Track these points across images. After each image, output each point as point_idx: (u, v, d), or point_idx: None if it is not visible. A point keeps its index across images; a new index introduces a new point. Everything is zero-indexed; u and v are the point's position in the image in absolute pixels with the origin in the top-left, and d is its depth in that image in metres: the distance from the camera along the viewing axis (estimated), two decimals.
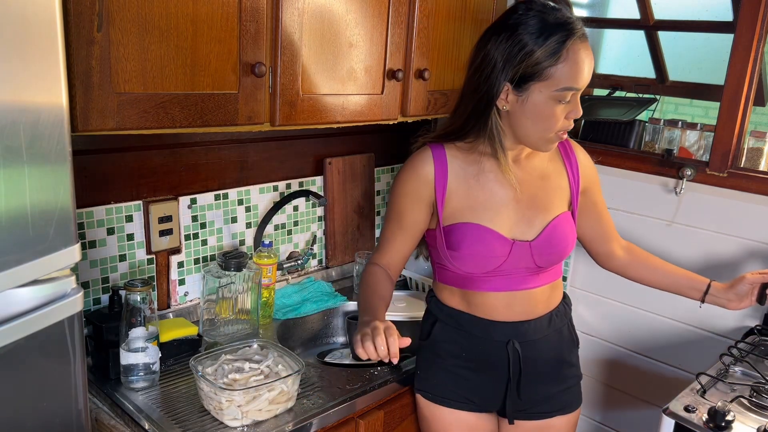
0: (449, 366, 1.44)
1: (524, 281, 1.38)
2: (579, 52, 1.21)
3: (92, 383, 1.42)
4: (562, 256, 1.40)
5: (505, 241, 1.34)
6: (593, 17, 2.48)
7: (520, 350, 1.38)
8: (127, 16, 1.14)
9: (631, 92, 2.30)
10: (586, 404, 2.27)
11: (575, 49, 1.21)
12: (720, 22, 2.01)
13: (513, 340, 1.38)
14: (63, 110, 0.90)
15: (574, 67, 1.21)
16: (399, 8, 1.63)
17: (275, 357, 1.40)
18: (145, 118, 1.21)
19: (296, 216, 2.02)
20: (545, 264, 1.38)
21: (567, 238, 1.39)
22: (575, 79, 1.22)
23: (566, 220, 1.40)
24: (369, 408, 1.49)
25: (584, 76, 1.23)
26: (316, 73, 1.49)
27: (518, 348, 1.38)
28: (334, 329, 1.94)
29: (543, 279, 1.41)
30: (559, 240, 1.37)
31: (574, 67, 1.21)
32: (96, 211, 1.54)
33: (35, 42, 0.85)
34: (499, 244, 1.33)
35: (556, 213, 1.38)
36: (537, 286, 1.40)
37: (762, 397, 1.42)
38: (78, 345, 0.98)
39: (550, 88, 1.22)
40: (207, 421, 1.30)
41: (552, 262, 1.39)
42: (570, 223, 1.41)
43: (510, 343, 1.38)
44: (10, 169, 0.84)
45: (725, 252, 1.87)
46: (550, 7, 1.23)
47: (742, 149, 1.85)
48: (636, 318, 2.09)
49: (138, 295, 1.36)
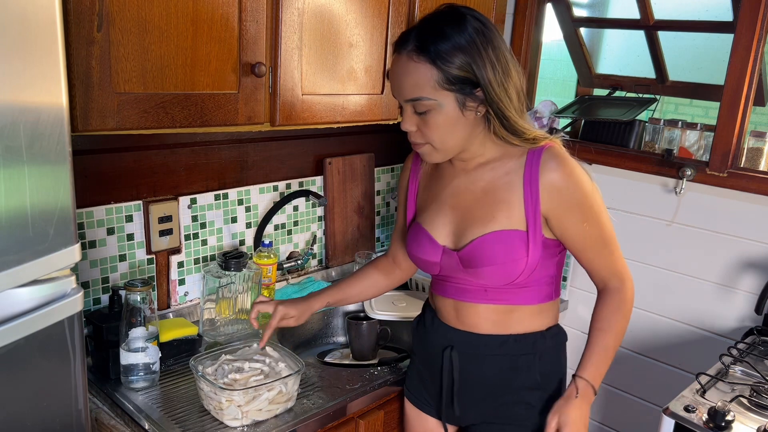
0: (417, 364, 1.46)
1: (467, 293, 1.30)
2: (392, 66, 1.21)
3: (92, 383, 1.42)
4: (494, 277, 1.24)
5: (436, 246, 1.30)
6: (593, 17, 2.48)
7: (458, 360, 1.32)
8: (127, 16, 1.14)
9: (631, 92, 2.30)
10: None
11: (394, 57, 1.21)
12: (720, 22, 2.01)
13: (452, 347, 1.32)
14: (63, 110, 0.90)
15: (392, 80, 1.22)
16: (399, 8, 1.63)
17: (275, 357, 1.40)
18: (145, 118, 1.21)
19: (296, 216, 2.02)
20: (478, 279, 1.27)
21: (495, 257, 1.23)
22: (393, 89, 1.23)
23: (500, 239, 1.23)
24: (369, 408, 1.49)
25: (397, 88, 1.20)
26: (316, 73, 1.49)
27: (454, 357, 1.32)
28: (334, 329, 1.94)
29: (491, 297, 1.28)
30: (485, 258, 1.23)
31: (392, 80, 1.22)
32: (96, 211, 1.54)
33: (35, 42, 0.85)
34: (431, 248, 1.30)
35: (491, 228, 1.24)
36: (482, 302, 1.29)
37: (762, 397, 1.42)
38: (78, 345, 0.98)
39: None
40: (207, 421, 1.30)
41: (484, 279, 1.26)
42: (508, 244, 1.23)
43: (448, 349, 1.32)
44: (10, 169, 0.84)
45: (725, 252, 1.87)
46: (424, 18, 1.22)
47: (742, 149, 1.85)
48: (636, 318, 2.09)
49: (138, 295, 1.36)
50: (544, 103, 2.27)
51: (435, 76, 1.14)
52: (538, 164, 1.22)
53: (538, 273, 1.26)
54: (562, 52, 2.46)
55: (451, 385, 1.34)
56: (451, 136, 1.20)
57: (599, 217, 1.25)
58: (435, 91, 1.15)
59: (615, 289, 1.29)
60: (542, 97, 2.36)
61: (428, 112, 1.17)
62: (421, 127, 1.20)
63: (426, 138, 1.20)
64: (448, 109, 1.17)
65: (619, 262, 1.30)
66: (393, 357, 1.61)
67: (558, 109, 2.28)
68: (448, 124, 1.18)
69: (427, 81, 1.15)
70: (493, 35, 1.17)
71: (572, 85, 2.57)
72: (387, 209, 2.30)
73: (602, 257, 1.28)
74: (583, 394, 1.27)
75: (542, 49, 2.34)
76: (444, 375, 1.34)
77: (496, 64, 1.15)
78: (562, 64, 2.63)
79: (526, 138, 1.22)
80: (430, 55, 1.14)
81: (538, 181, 1.21)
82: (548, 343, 1.33)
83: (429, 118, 1.18)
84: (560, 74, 2.81)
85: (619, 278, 1.30)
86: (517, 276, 1.24)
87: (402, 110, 1.22)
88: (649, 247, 2.04)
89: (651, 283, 2.04)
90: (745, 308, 1.85)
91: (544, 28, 2.31)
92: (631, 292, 1.31)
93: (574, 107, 2.32)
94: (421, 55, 1.14)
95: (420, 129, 1.20)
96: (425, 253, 1.31)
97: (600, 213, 1.25)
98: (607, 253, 1.28)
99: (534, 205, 1.22)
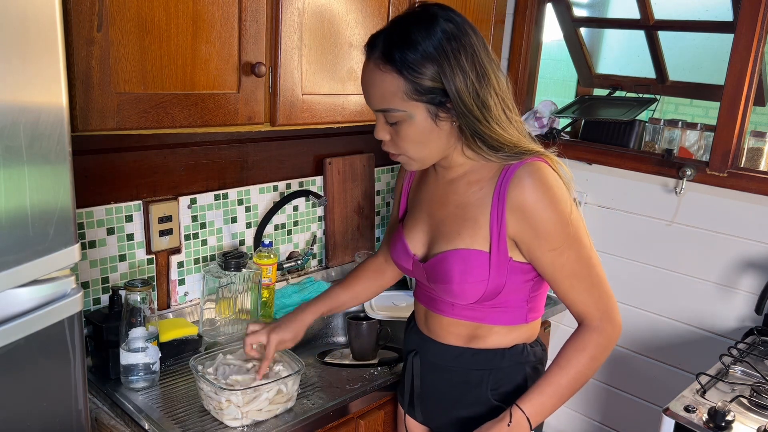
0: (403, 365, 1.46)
1: (436, 304, 1.25)
2: (362, 72, 1.13)
3: (92, 383, 1.42)
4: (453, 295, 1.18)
5: (408, 254, 1.26)
6: (593, 17, 2.48)
7: (419, 367, 1.30)
8: (127, 16, 1.14)
9: (631, 92, 2.30)
10: (587, 404, 2.28)
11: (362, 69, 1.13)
12: (720, 22, 2.01)
13: (416, 352, 1.31)
14: (63, 110, 0.90)
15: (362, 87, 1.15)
16: (399, 8, 1.63)
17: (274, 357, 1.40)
18: (145, 118, 1.21)
19: (296, 216, 2.02)
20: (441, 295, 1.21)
21: (451, 276, 1.15)
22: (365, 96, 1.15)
23: (460, 258, 1.15)
24: (369, 408, 1.49)
25: (366, 96, 1.13)
26: (316, 73, 1.49)
27: (416, 363, 1.30)
28: (334, 329, 1.94)
29: (458, 313, 1.22)
30: (442, 275, 1.17)
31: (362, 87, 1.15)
32: (96, 211, 1.54)
33: (35, 42, 0.85)
34: (404, 255, 1.27)
35: (455, 246, 1.16)
36: (449, 315, 1.23)
37: (762, 397, 1.42)
38: (78, 345, 0.98)
39: None
40: (207, 421, 1.30)
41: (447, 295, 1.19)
42: (465, 264, 1.15)
43: (412, 353, 1.32)
44: (10, 169, 0.84)
45: (725, 252, 1.87)
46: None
47: (742, 149, 1.86)
48: (636, 318, 2.09)
49: (138, 295, 1.36)
50: (544, 103, 2.27)
51: (403, 87, 1.06)
52: (506, 183, 1.11)
53: (507, 296, 1.18)
54: (562, 52, 2.46)
55: (411, 390, 1.34)
56: (424, 147, 1.12)
57: (576, 246, 1.11)
58: (404, 102, 1.07)
59: (590, 328, 1.15)
60: (542, 97, 2.36)
61: (399, 123, 1.10)
62: (393, 136, 1.13)
63: (399, 149, 1.14)
64: (419, 119, 1.08)
65: (602, 301, 1.14)
66: (393, 357, 1.61)
67: (558, 109, 2.28)
68: (420, 135, 1.10)
69: (395, 92, 1.07)
70: (467, 38, 1.07)
71: (572, 85, 2.57)
72: (387, 209, 2.30)
73: (577, 292, 1.13)
74: (516, 425, 1.15)
75: (542, 49, 2.34)
76: (406, 379, 1.34)
77: (469, 73, 1.05)
78: (562, 64, 2.63)
79: (507, 153, 1.12)
80: (397, 65, 1.05)
81: (505, 203, 1.11)
82: (506, 361, 1.23)
83: (400, 129, 1.10)
84: (560, 74, 2.81)
85: (599, 318, 1.14)
86: (477, 299, 1.17)
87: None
88: (649, 247, 2.04)
89: (651, 283, 2.04)
90: (745, 308, 1.85)
91: (544, 28, 2.31)
92: (611, 337, 1.15)
93: (574, 107, 2.32)
94: (388, 64, 1.06)
95: (393, 139, 1.13)
96: (400, 258, 1.29)
97: (577, 242, 1.11)
98: (584, 287, 1.13)
99: (499, 226, 1.12)
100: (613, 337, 1.16)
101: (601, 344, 1.15)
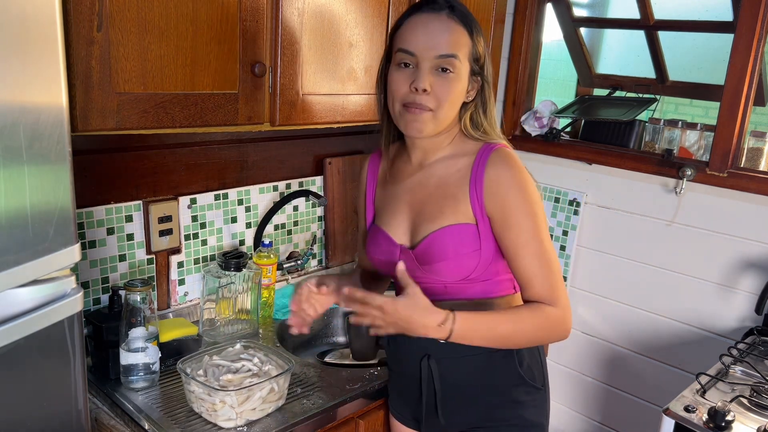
0: (392, 377, 1.44)
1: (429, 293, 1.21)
2: (420, 18, 1.19)
3: (92, 383, 1.42)
4: (448, 272, 1.23)
5: (394, 245, 1.28)
6: (593, 17, 2.48)
7: (438, 368, 1.29)
8: (127, 16, 1.14)
9: (631, 92, 2.30)
10: (587, 404, 2.28)
11: (417, 16, 1.19)
12: (720, 22, 2.01)
13: (429, 355, 1.29)
14: (63, 110, 0.90)
15: (409, 31, 1.19)
16: (399, 8, 1.63)
17: (261, 356, 1.40)
18: (145, 118, 1.21)
19: (296, 216, 2.02)
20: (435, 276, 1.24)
21: (446, 252, 1.21)
22: (407, 41, 1.18)
23: (451, 233, 1.21)
24: (369, 408, 1.49)
25: (416, 39, 1.17)
26: (316, 73, 1.49)
27: (433, 366, 1.28)
28: (334, 329, 1.94)
29: (452, 292, 1.26)
30: (438, 253, 1.22)
31: (409, 31, 1.19)
32: (96, 211, 1.54)
33: (35, 42, 0.85)
34: (389, 247, 1.29)
35: (442, 224, 1.22)
36: (444, 298, 1.25)
37: (762, 397, 1.42)
38: (78, 345, 0.98)
39: (393, 53, 1.21)
40: (200, 424, 1.29)
41: (440, 275, 1.23)
42: (456, 238, 1.21)
43: (425, 359, 1.29)
44: (10, 169, 0.84)
45: (725, 252, 1.87)
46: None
47: (742, 149, 1.85)
48: (636, 318, 2.09)
49: (138, 295, 1.36)
50: (544, 103, 2.27)
51: (468, 45, 1.19)
52: (485, 162, 1.21)
53: (493, 267, 1.24)
54: (562, 52, 2.46)
55: (433, 395, 1.30)
56: (452, 108, 1.21)
57: (539, 230, 1.19)
58: (464, 58, 1.19)
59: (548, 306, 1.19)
60: (542, 97, 2.36)
61: (449, 74, 1.18)
62: (434, 88, 1.18)
63: (437, 101, 1.18)
64: (463, 79, 1.20)
65: (559, 288, 1.20)
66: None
67: (558, 109, 2.28)
68: (457, 94, 1.20)
69: (463, 45, 1.19)
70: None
71: (572, 85, 2.57)
72: None
73: (539, 273, 1.19)
74: (440, 330, 1.13)
75: (542, 49, 2.34)
76: (424, 386, 1.31)
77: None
78: (562, 64, 2.63)
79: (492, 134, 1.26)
80: (467, 26, 1.19)
81: (483, 179, 1.20)
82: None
83: (446, 82, 1.18)
84: (560, 74, 2.81)
85: (550, 298, 1.19)
86: (473, 270, 1.22)
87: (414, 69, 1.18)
88: (649, 247, 2.04)
89: (651, 283, 2.04)
90: (745, 308, 1.85)
91: (544, 28, 2.31)
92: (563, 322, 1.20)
93: (574, 107, 2.32)
94: (461, 21, 1.18)
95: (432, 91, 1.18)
96: (384, 253, 1.29)
97: (540, 227, 1.19)
98: (543, 271, 1.19)
99: (479, 202, 1.21)
100: (564, 325, 1.20)
101: (553, 319, 1.19)
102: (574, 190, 2.19)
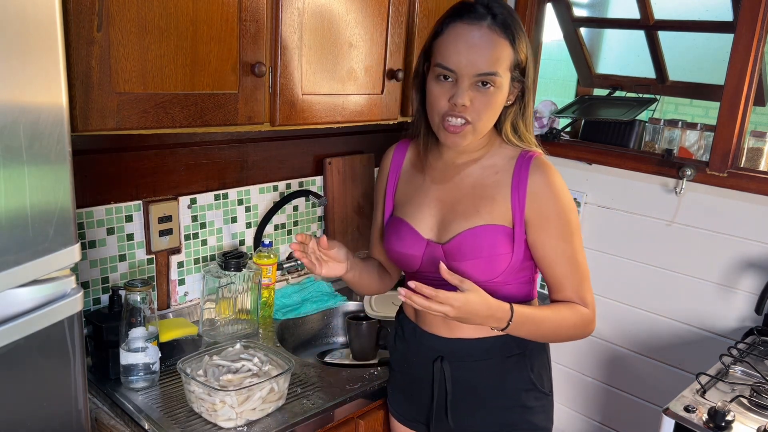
0: (397, 378, 1.44)
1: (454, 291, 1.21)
2: (461, 30, 1.15)
3: (92, 383, 1.42)
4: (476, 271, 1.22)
5: (419, 239, 1.27)
6: (593, 17, 2.48)
7: (450, 370, 1.29)
8: (127, 16, 1.14)
9: (631, 92, 2.30)
10: (587, 404, 2.28)
11: (458, 27, 1.15)
12: (720, 22, 2.01)
13: (442, 357, 1.29)
14: (63, 110, 0.90)
15: (448, 46, 1.16)
16: (399, 8, 1.63)
17: (261, 356, 1.40)
18: (145, 118, 1.21)
19: (296, 216, 2.02)
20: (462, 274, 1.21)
21: (480, 250, 1.22)
22: (446, 57, 1.15)
23: (488, 233, 1.22)
24: (369, 408, 1.49)
25: (456, 56, 1.14)
26: (316, 73, 1.49)
27: (446, 368, 1.29)
28: (334, 329, 1.94)
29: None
30: (471, 251, 1.22)
31: (448, 46, 1.16)
32: (96, 211, 1.54)
33: (35, 42, 0.85)
34: (413, 241, 1.28)
35: (476, 223, 1.23)
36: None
37: (762, 397, 1.42)
38: (78, 345, 0.98)
39: (432, 65, 1.19)
40: (201, 424, 1.29)
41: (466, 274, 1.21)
42: (493, 238, 1.22)
43: (438, 360, 1.29)
44: (10, 169, 0.84)
45: (725, 252, 1.87)
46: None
47: (742, 149, 1.85)
48: (636, 318, 2.09)
49: (138, 295, 1.36)
50: (544, 103, 2.27)
51: (510, 57, 1.17)
52: (527, 169, 1.23)
53: (519, 273, 1.26)
54: (562, 52, 2.46)
55: (444, 398, 1.30)
56: (493, 116, 1.21)
57: (574, 236, 1.23)
58: (505, 71, 1.17)
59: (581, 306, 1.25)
60: (542, 97, 2.36)
61: (489, 88, 1.16)
62: (473, 103, 1.17)
63: (477, 115, 1.17)
64: (504, 90, 1.19)
65: (589, 294, 1.26)
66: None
67: (558, 109, 2.28)
68: (498, 105, 1.20)
69: (504, 59, 1.16)
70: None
71: (572, 85, 2.57)
72: None
73: (571, 277, 1.24)
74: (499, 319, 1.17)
75: (542, 49, 2.34)
76: (435, 388, 1.31)
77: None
78: (562, 64, 2.63)
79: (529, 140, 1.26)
80: (510, 36, 1.16)
81: (526, 185, 1.22)
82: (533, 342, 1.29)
83: (487, 96, 1.16)
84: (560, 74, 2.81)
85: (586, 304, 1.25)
86: (501, 272, 1.23)
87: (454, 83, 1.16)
88: (649, 247, 2.04)
89: (651, 283, 2.04)
90: (745, 308, 1.85)
91: (544, 28, 2.31)
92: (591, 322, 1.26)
93: (574, 107, 2.32)
94: (504, 33, 1.15)
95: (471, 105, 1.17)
96: (407, 246, 1.29)
97: (575, 233, 1.24)
98: (576, 275, 1.24)
99: (521, 207, 1.22)
100: (592, 321, 1.26)
101: (586, 319, 1.25)
102: (574, 190, 2.19)
